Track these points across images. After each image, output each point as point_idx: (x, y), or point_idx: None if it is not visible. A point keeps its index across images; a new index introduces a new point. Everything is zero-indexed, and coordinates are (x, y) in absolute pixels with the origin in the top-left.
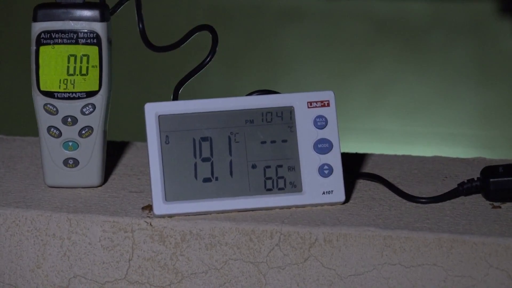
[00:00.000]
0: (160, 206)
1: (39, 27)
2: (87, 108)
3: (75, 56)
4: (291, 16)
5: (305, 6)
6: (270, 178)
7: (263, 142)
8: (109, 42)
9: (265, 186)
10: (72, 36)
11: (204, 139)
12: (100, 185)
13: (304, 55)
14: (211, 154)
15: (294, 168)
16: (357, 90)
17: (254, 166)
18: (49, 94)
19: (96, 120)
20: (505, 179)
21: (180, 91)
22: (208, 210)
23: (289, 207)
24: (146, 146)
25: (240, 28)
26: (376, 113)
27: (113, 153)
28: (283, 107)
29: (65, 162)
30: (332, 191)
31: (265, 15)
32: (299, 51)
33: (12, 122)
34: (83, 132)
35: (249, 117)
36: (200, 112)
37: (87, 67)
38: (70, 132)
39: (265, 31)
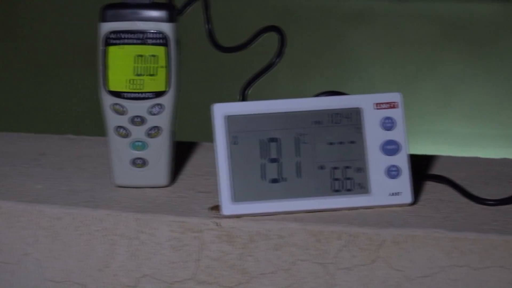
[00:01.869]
0: (228, 207)
1: (107, 27)
2: (155, 108)
3: (143, 56)
4: (360, 17)
5: (374, 8)
6: (337, 179)
7: (331, 143)
8: (177, 42)
9: (332, 187)
10: (140, 37)
11: (272, 140)
12: (168, 185)
13: (372, 57)
14: (279, 155)
15: (362, 169)
16: (425, 92)
17: (321, 167)
18: (117, 94)
19: (164, 120)
20: None
21: (248, 91)
22: (275, 210)
23: (356, 208)
24: (214, 147)
25: (308, 30)
26: (444, 115)
27: (181, 153)
28: (351, 108)
29: (133, 162)
30: (399, 192)
31: (334, 16)
32: (367, 52)
33: (81, 122)
34: (151, 132)
35: (316, 118)
36: (268, 113)
37: (155, 67)
38: (138, 132)
39: (333, 32)
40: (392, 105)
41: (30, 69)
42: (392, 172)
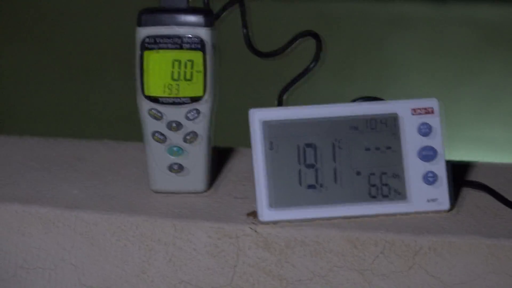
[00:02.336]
0: (265, 213)
1: (143, 32)
2: (192, 113)
3: (180, 61)
4: (399, 22)
5: (413, 13)
6: (374, 185)
7: (368, 149)
8: (214, 47)
9: (369, 193)
10: (176, 41)
11: (308, 145)
12: (205, 191)
13: (410, 62)
14: (316, 161)
15: (399, 175)
16: (464, 98)
17: (358, 173)
18: (153, 99)
19: (201, 125)
20: None
21: (285, 97)
22: (312, 217)
23: (393, 215)
24: (251, 152)
25: (347, 35)
26: (483, 122)
27: (219, 159)
28: (387, 114)
29: (170, 168)
30: (436, 199)
31: (372, 21)
32: (405, 58)
33: (118, 127)
34: (188, 137)
35: (353, 124)
36: (304, 119)
37: (192, 72)
38: (175, 138)
39: (372, 37)
40: (429, 111)
41: (68, 74)
42: (429, 178)
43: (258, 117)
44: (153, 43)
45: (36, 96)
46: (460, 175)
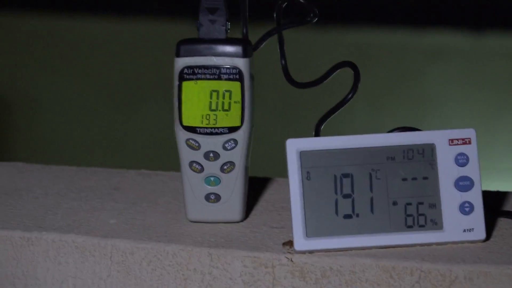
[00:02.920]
0: (301, 242)
1: (182, 62)
2: (229, 143)
3: (218, 92)
4: (435, 54)
5: (450, 44)
6: (411, 215)
7: (404, 179)
8: (251, 77)
9: (405, 223)
10: (214, 72)
11: (345, 175)
12: (242, 220)
13: (448, 94)
14: (352, 191)
15: (435, 205)
16: (500, 129)
17: (395, 203)
18: (191, 129)
19: (238, 155)
20: None
21: (322, 127)
22: (348, 246)
23: (429, 244)
24: (287, 182)
25: (384, 66)
26: None
27: (255, 188)
28: (424, 144)
29: (207, 197)
30: (472, 228)
31: (410, 52)
32: (443, 89)
33: (155, 157)
34: (225, 167)
35: (390, 154)
36: (341, 149)
37: (230, 103)
38: (212, 167)
39: (410, 68)
40: (466, 141)
41: (106, 104)
42: (466, 208)
43: (295, 147)
44: (191, 73)
45: (75, 126)
46: (496, 205)
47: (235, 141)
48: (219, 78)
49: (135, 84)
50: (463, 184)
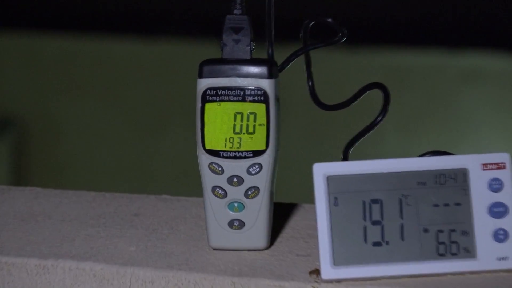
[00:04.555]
0: (328, 271)
1: (205, 83)
2: (254, 168)
3: (242, 114)
4: (470, 76)
5: (486, 67)
6: (442, 243)
7: (436, 205)
8: (277, 99)
9: (437, 251)
10: (238, 93)
11: (374, 201)
12: (266, 248)
13: (482, 117)
14: (382, 217)
15: (468, 232)
16: None
17: (426, 230)
18: (214, 153)
19: (262, 180)
20: None
21: (350, 151)
22: (377, 275)
23: (462, 273)
24: (314, 208)
25: (415, 88)
26: None
27: (280, 214)
28: (457, 169)
29: (230, 224)
30: (507, 257)
31: (441, 74)
32: (476, 112)
33: (177, 182)
34: (249, 192)
35: (421, 178)
36: (370, 173)
37: (254, 125)
38: (235, 193)
39: (442, 91)
40: (500, 166)
41: (126, 127)
42: (500, 236)
43: (323, 171)
44: (215, 95)
45: (95, 150)
46: None
47: (260, 165)
48: (244, 100)
49: (158, 106)
50: (497, 210)
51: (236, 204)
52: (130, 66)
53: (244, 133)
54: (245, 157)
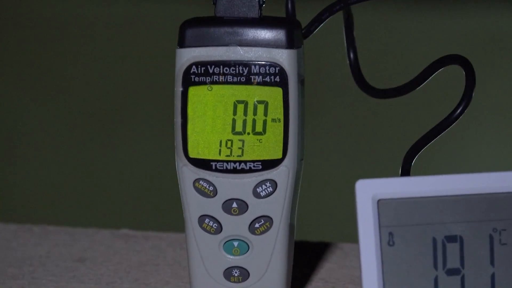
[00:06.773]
0: None
1: (188, 56)
2: (264, 187)
3: (246, 104)
4: None
5: None
6: None
7: None
8: (301, 82)
9: None
10: (241, 71)
11: (450, 238)
12: None
13: None
14: (462, 264)
15: None
16: None
17: None
18: (203, 163)
19: (277, 206)
20: None
21: (413, 162)
22: None
23: None
24: (357, 249)
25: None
26: None
27: (305, 259)
28: None
29: (227, 274)
30: None
31: None
32: None
33: (143, 209)
34: (257, 225)
35: None
36: (443, 196)
37: (265, 122)
38: (235, 226)
39: None
40: None
41: (63, 127)
42: None
43: (371, 192)
44: (203, 74)
45: (20, 161)
46: None
47: (274, 184)
48: (248, 82)
49: (113, 95)
50: None
51: (236, 244)
52: (69, 27)
53: (249, 134)
54: (250, 171)
